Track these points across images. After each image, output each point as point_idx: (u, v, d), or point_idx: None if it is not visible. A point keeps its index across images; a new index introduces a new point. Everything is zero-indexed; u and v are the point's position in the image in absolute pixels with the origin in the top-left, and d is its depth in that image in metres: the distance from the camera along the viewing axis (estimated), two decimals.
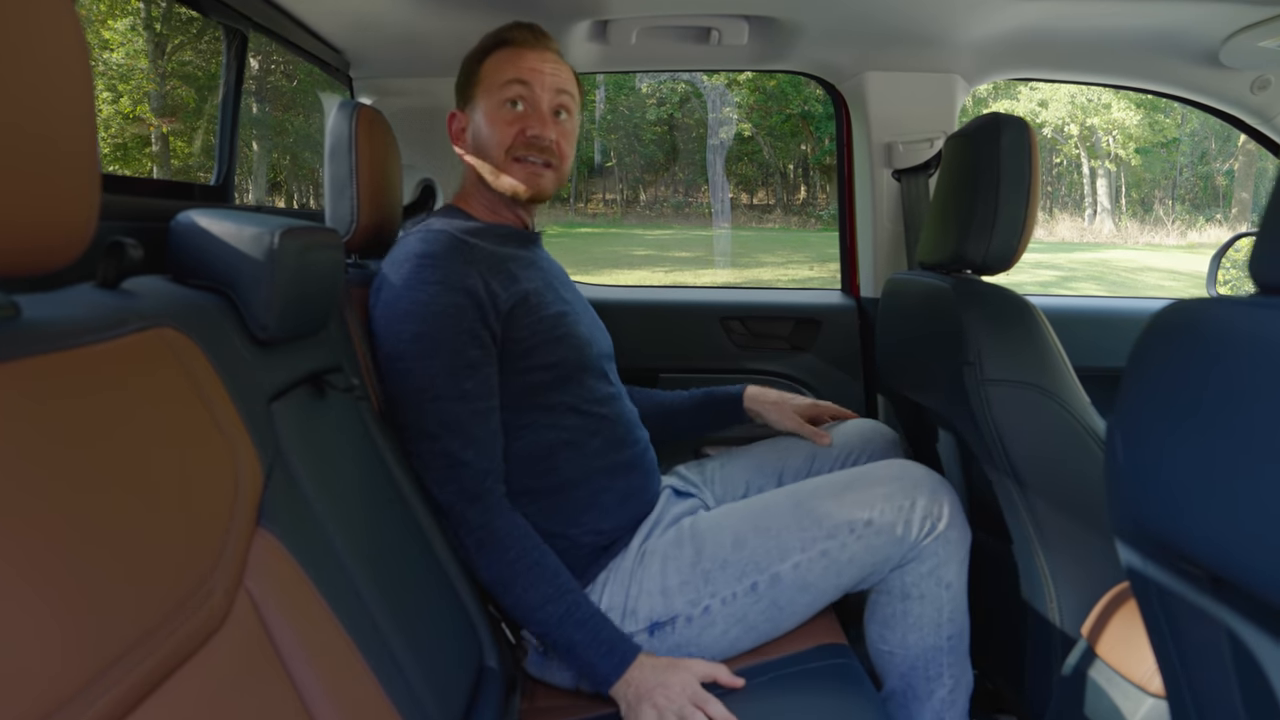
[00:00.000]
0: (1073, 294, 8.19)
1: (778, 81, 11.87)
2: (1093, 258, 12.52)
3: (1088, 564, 1.33)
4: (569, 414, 1.30)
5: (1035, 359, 1.34)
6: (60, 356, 0.62)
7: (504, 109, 1.35)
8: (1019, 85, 11.94)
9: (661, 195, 14.27)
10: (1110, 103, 13.34)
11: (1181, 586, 0.71)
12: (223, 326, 0.88)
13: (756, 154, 13.83)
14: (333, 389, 1.08)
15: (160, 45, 7.37)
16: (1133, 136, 13.99)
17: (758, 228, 13.71)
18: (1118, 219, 14.64)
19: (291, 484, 0.88)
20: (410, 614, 1.00)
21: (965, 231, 1.40)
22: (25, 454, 0.55)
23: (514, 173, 1.36)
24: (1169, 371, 0.67)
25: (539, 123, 1.35)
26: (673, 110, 13.42)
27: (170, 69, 7.36)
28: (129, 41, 7.06)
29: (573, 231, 12.94)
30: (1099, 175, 14.37)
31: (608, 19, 1.72)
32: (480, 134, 1.37)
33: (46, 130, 0.55)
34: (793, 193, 14.69)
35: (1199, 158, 14.89)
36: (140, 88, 7.18)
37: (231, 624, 0.70)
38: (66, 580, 0.54)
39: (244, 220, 0.95)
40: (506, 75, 1.35)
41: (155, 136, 7.40)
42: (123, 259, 0.79)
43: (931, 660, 1.32)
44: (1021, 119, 1.37)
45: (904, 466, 1.33)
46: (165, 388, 0.74)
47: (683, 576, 1.25)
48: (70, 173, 0.57)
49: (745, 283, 10.71)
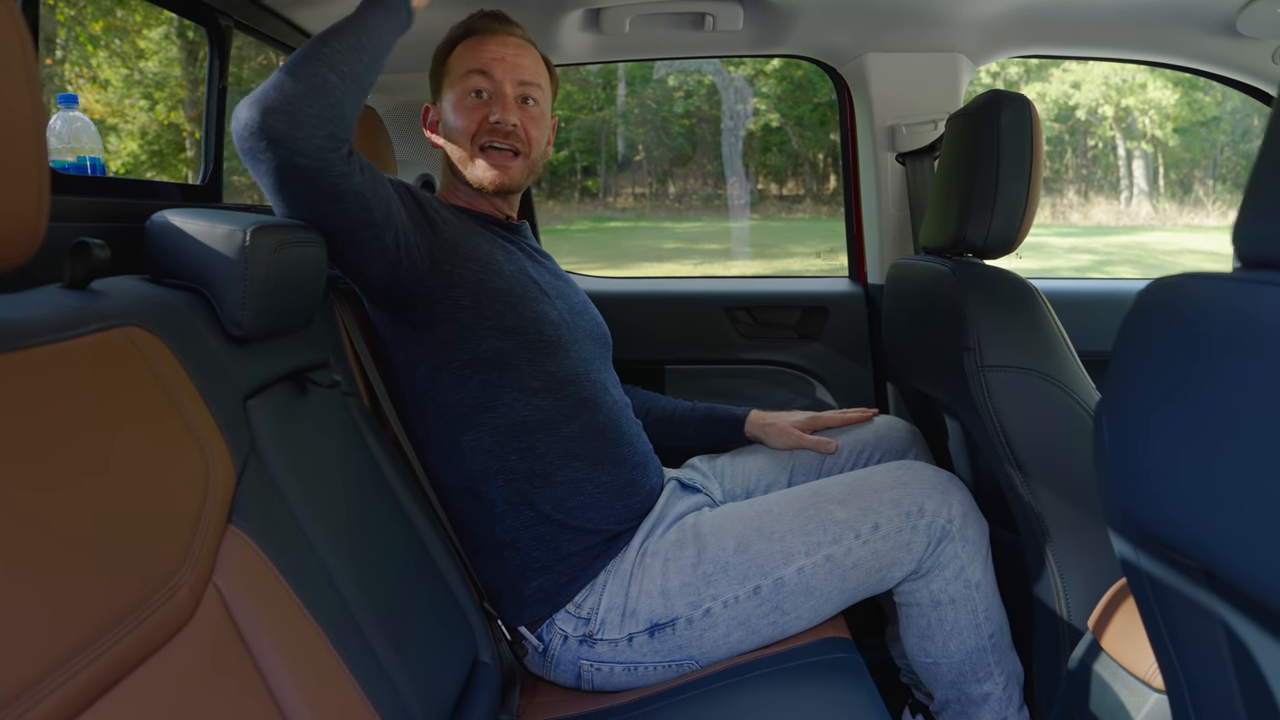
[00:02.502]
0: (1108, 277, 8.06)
1: (805, 71, 11.77)
2: (1130, 241, 12.28)
3: (1095, 554, 1.30)
4: (542, 393, 1.29)
5: (1037, 343, 1.31)
6: (18, 355, 0.62)
7: (467, 98, 1.37)
8: (1051, 66, 11.73)
9: (690, 188, 14.20)
10: (1146, 82, 13.06)
11: (1175, 578, 0.68)
12: (195, 325, 0.88)
13: (785, 144, 13.74)
14: (315, 386, 1.08)
15: (192, 52, 7.46)
16: (1170, 116, 13.69)
17: (787, 218, 13.61)
18: (1155, 201, 14.34)
19: (267, 481, 0.88)
20: (394, 610, 0.99)
21: (966, 214, 1.37)
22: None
23: (480, 161, 1.37)
24: (1150, 352, 0.64)
25: (501, 108, 1.36)
26: (700, 103, 13.36)
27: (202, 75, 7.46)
28: (162, 49, 7.16)
29: (602, 226, 12.94)
30: (1135, 157, 14.07)
31: (600, 7, 1.70)
32: (448, 125, 1.40)
33: None
34: (822, 182, 14.56)
35: (1241, 135, 14.53)
36: (174, 94, 7.29)
37: (199, 620, 0.70)
38: (25, 571, 0.54)
39: (219, 219, 0.95)
40: (468, 65, 1.37)
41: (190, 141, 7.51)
42: (88, 259, 0.79)
43: (979, 662, 1.30)
44: (1023, 96, 1.34)
45: (911, 469, 1.31)
46: (128, 386, 0.74)
47: (684, 578, 1.24)
48: (15, 178, 0.57)
49: (776, 273, 10.68)
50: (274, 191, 1.07)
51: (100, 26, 6.26)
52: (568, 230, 11.46)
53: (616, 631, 1.24)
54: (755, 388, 2.15)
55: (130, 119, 6.78)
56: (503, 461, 1.27)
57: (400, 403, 1.32)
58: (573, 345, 1.35)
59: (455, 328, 1.26)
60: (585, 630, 1.25)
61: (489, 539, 1.28)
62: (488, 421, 1.27)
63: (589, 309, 1.50)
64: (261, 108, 1.02)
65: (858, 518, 1.24)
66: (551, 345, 1.31)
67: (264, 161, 1.04)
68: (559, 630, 1.26)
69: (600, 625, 1.24)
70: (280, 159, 1.04)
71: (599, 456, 1.31)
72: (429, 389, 1.29)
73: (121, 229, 1.00)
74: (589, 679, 1.26)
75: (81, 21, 5.97)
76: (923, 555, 1.25)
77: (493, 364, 1.27)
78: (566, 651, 1.26)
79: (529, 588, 1.26)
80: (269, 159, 1.04)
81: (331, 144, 1.07)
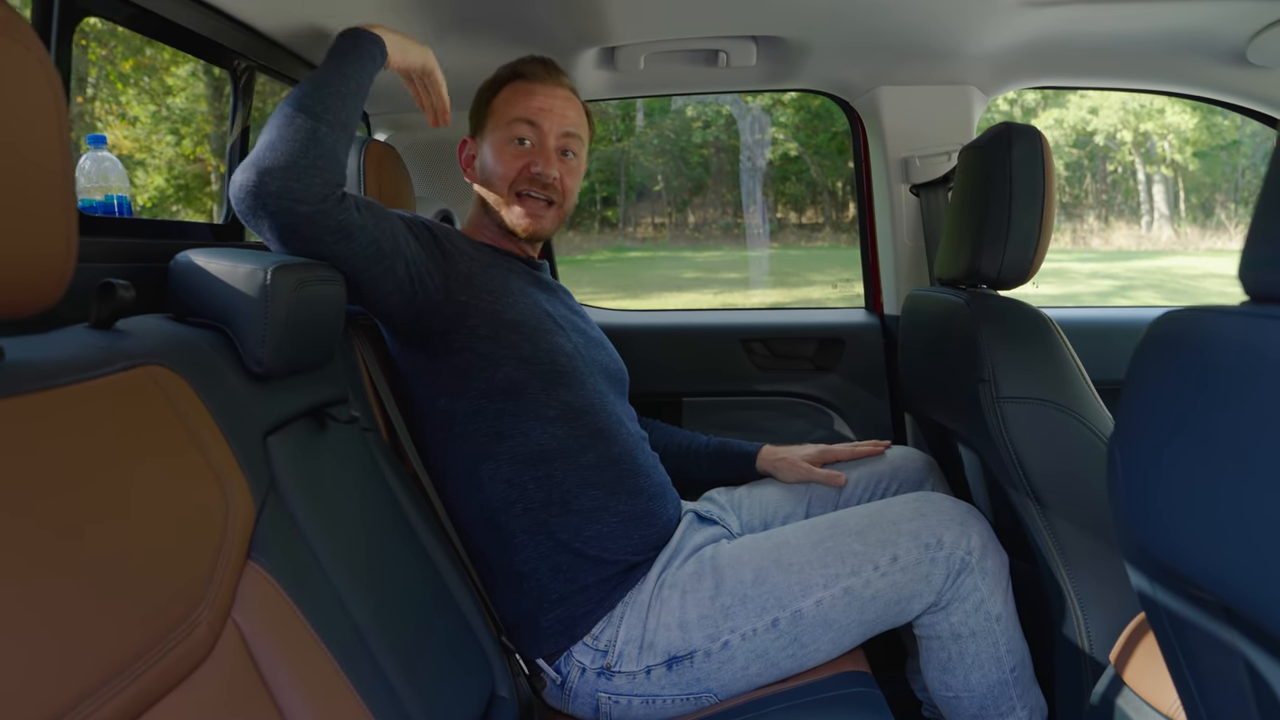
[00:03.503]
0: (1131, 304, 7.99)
1: (822, 100, 11.80)
2: (1152, 265, 12.18)
3: (1115, 586, 1.28)
4: (558, 422, 1.30)
5: (1052, 374, 1.31)
6: (45, 395, 0.64)
7: (511, 145, 1.40)
8: (1068, 93, 11.72)
9: (710, 217, 14.23)
10: (1164, 107, 13.01)
11: (1193, 613, 0.67)
12: (216, 363, 0.90)
13: (804, 173, 13.76)
14: (334, 421, 1.09)
15: (218, 88, 7.59)
16: (1189, 140, 13.61)
17: (806, 246, 13.60)
18: (1177, 225, 14.24)
19: (286, 517, 0.89)
20: (412, 646, 1.00)
21: (979, 245, 1.37)
22: (11, 487, 0.57)
23: (516, 208, 1.40)
24: (1160, 385, 0.64)
25: (544, 160, 1.39)
26: (718, 132, 13.42)
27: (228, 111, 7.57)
28: (189, 86, 7.31)
29: (621, 256, 12.99)
30: (1155, 181, 14.00)
31: (615, 45, 1.73)
32: (486, 166, 1.42)
33: (22, 186, 0.57)
34: (841, 210, 14.55)
35: (1262, 158, 14.42)
36: (200, 130, 7.41)
37: (218, 656, 0.71)
38: (49, 607, 0.56)
39: (240, 258, 0.97)
40: (516, 112, 1.39)
41: (215, 176, 7.63)
42: (113, 299, 0.82)
43: (1001, 696, 1.29)
44: (1034, 128, 1.35)
45: (929, 500, 1.31)
46: (151, 424, 0.75)
47: (702, 610, 1.23)
48: (47, 224, 0.60)
49: (795, 302, 10.65)
50: (281, 243, 1.09)
51: (130, 65, 6.38)
52: (588, 260, 11.51)
53: (634, 664, 1.23)
54: (772, 419, 2.15)
55: (157, 154, 6.89)
56: (520, 490, 1.28)
57: (419, 436, 1.34)
58: (588, 377, 1.36)
59: (472, 357, 1.28)
60: (603, 662, 1.24)
61: (507, 569, 1.29)
62: (505, 451, 1.28)
63: (605, 345, 1.51)
64: (259, 168, 1.05)
65: (876, 550, 1.24)
66: (566, 375, 1.32)
67: (266, 217, 1.06)
68: (577, 662, 1.26)
69: (618, 657, 1.24)
70: (282, 211, 1.06)
71: (615, 486, 1.31)
72: (447, 420, 1.30)
73: (145, 269, 1.02)
74: (607, 711, 1.25)
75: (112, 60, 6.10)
76: (942, 587, 1.24)
77: (509, 393, 1.28)
78: (584, 684, 1.26)
79: (547, 619, 1.26)
80: (271, 213, 1.06)
81: (328, 189, 1.09)
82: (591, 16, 1.54)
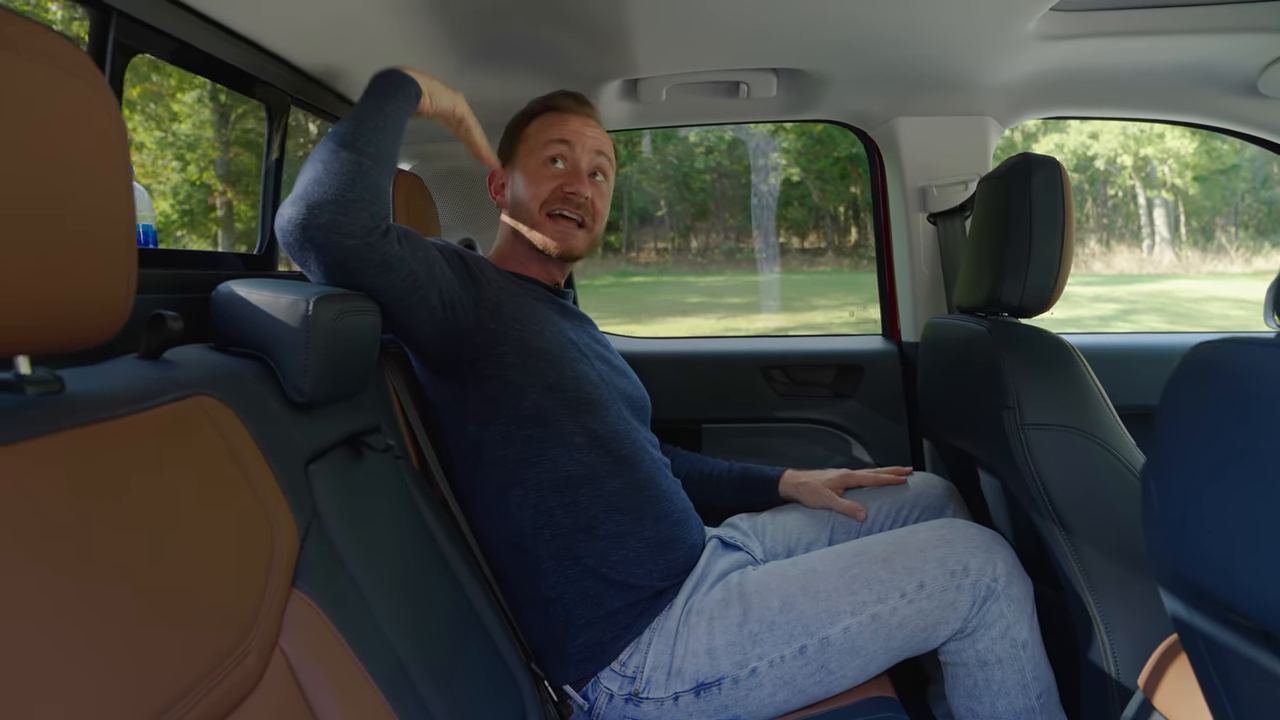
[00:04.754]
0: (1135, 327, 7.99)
1: (825, 125, 11.88)
2: (1154, 289, 12.19)
3: (1142, 610, 1.28)
4: (585, 449, 1.31)
5: (1075, 401, 1.32)
6: (102, 427, 0.65)
7: (545, 166, 1.43)
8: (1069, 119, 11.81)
9: (712, 242, 14.27)
10: (1163, 132, 13.09)
11: (1230, 638, 0.68)
12: (260, 392, 0.91)
13: (806, 198, 13.80)
14: (371, 450, 1.10)
15: (224, 115, 7.66)
16: (1189, 165, 13.68)
17: (809, 271, 13.63)
18: (1178, 248, 14.28)
19: (327, 545, 0.90)
20: (447, 673, 1.00)
21: (1000, 273, 1.39)
22: (69, 518, 0.58)
23: (548, 228, 1.43)
24: (1198, 414, 0.65)
25: (577, 180, 1.42)
26: (720, 158, 13.49)
27: (234, 137, 7.69)
28: (195, 113, 7.36)
29: (625, 281, 13.01)
30: (1156, 205, 14.05)
31: (638, 78, 1.75)
32: (519, 190, 1.45)
33: (86, 214, 0.59)
34: (843, 235, 14.58)
35: (1261, 183, 14.48)
36: (206, 155, 7.47)
37: (266, 685, 0.71)
38: (112, 638, 0.56)
39: (281, 288, 0.98)
40: (550, 135, 1.43)
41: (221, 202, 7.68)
42: (163, 331, 0.83)
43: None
44: (1053, 159, 1.36)
45: (954, 527, 1.31)
46: (202, 454, 0.76)
47: (729, 637, 1.24)
48: (109, 257, 0.61)
49: (798, 326, 10.66)
50: (326, 276, 1.11)
51: (137, 92, 6.43)
52: (591, 285, 11.52)
53: (662, 690, 1.24)
54: (792, 446, 2.16)
55: (163, 179, 6.93)
56: (548, 516, 1.29)
57: (448, 463, 1.35)
58: (611, 404, 1.37)
59: (500, 384, 1.29)
60: (631, 689, 1.25)
61: (534, 595, 1.29)
62: (533, 477, 1.29)
63: (628, 373, 1.53)
64: (307, 203, 1.07)
65: (903, 577, 1.24)
66: (591, 403, 1.33)
67: (313, 250, 1.08)
68: (604, 689, 1.26)
69: (646, 684, 1.24)
70: (330, 245, 1.08)
71: (641, 511, 1.32)
72: (475, 447, 1.31)
73: (184, 300, 1.04)
74: None
75: None
76: (968, 614, 1.25)
77: (536, 420, 1.30)
78: (612, 710, 1.26)
79: (574, 645, 1.27)
80: (318, 246, 1.08)
81: (374, 221, 1.11)
82: (617, 50, 1.57)
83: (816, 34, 1.54)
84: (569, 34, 1.48)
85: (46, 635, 0.53)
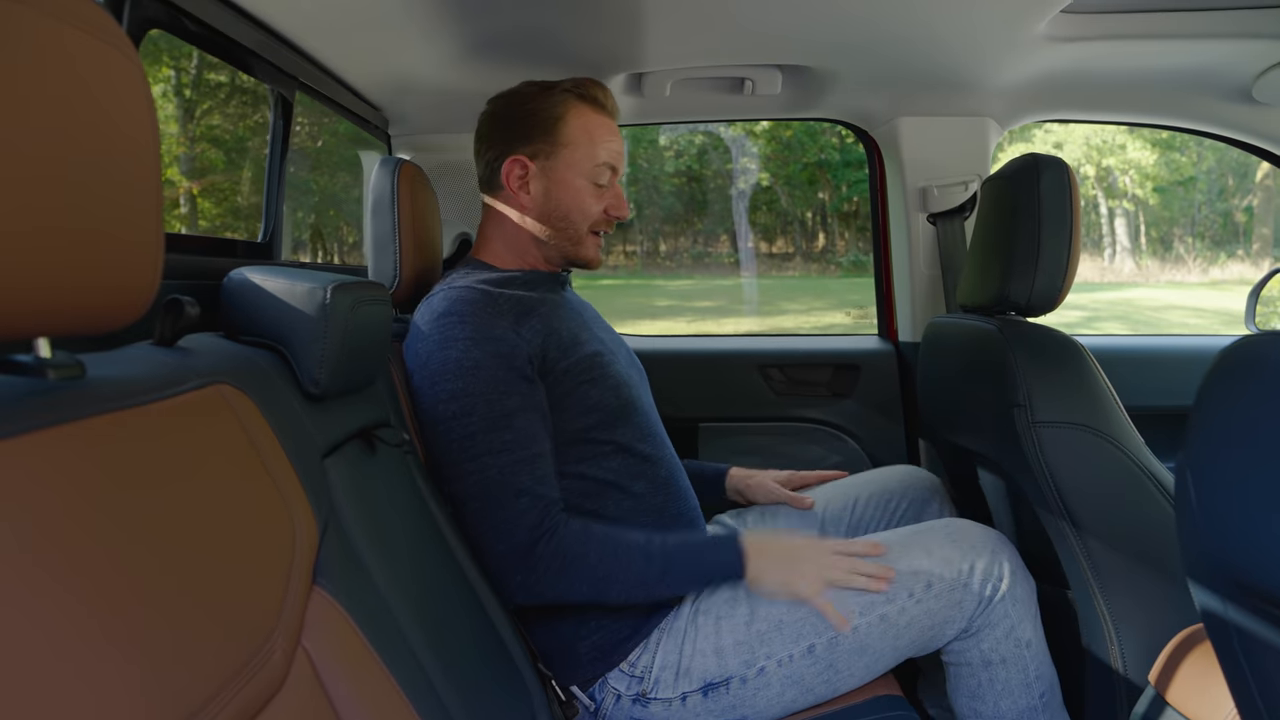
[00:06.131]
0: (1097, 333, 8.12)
1: (794, 131, 11.98)
2: (1116, 297, 12.44)
3: (1149, 607, 1.29)
4: (614, 454, 1.30)
5: (1086, 399, 1.32)
6: (125, 414, 0.62)
7: (593, 187, 1.36)
8: (1034, 128, 12.02)
9: (681, 246, 14.31)
10: (1125, 143, 13.35)
11: (1266, 631, 0.68)
12: (276, 383, 0.88)
13: (775, 203, 13.89)
14: (383, 444, 1.07)
15: (190, 110, 7.57)
16: (1150, 175, 13.96)
17: (778, 275, 13.73)
18: (1138, 258, 14.56)
19: (345, 541, 0.88)
20: (463, 672, 0.98)
21: (1008, 273, 1.39)
22: (96, 511, 0.55)
23: (590, 244, 1.39)
24: (1243, 409, 0.65)
25: (619, 203, 1.39)
26: (690, 162, 13.53)
27: (199, 133, 7.61)
28: (160, 107, 7.28)
29: (594, 284, 13.02)
30: (1117, 215, 14.32)
31: (643, 72, 1.74)
32: (559, 198, 1.36)
33: (115, 195, 0.56)
34: (811, 240, 14.70)
35: (1217, 194, 14.82)
36: (170, 151, 7.37)
37: (292, 684, 0.69)
38: (142, 636, 0.53)
39: (295, 277, 0.95)
40: (601, 155, 1.35)
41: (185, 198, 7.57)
42: (180, 317, 0.80)
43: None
44: (1060, 159, 1.37)
45: (959, 526, 1.31)
46: (224, 444, 0.73)
47: (737, 637, 1.22)
48: (137, 234, 0.58)
49: (768, 330, 10.75)
50: None
51: None
52: None
53: (671, 690, 1.22)
54: (789, 444, 2.16)
55: None
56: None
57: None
58: (637, 399, 1.36)
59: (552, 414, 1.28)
60: (639, 689, 1.23)
61: None
62: (561, 490, 1.27)
63: (634, 356, 1.52)
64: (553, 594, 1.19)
65: (910, 577, 1.24)
66: (624, 408, 1.31)
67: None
68: (612, 689, 1.24)
69: (654, 684, 1.23)
70: None
71: (662, 515, 1.31)
72: None
73: (192, 286, 1.00)
74: None
75: None
76: (973, 614, 1.25)
77: (572, 442, 1.28)
78: (619, 711, 1.24)
79: (583, 645, 1.25)
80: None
81: None
82: (623, 42, 1.55)
83: (829, 31, 1.54)
84: (577, 25, 1.46)
85: (78, 630, 0.49)
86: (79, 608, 0.50)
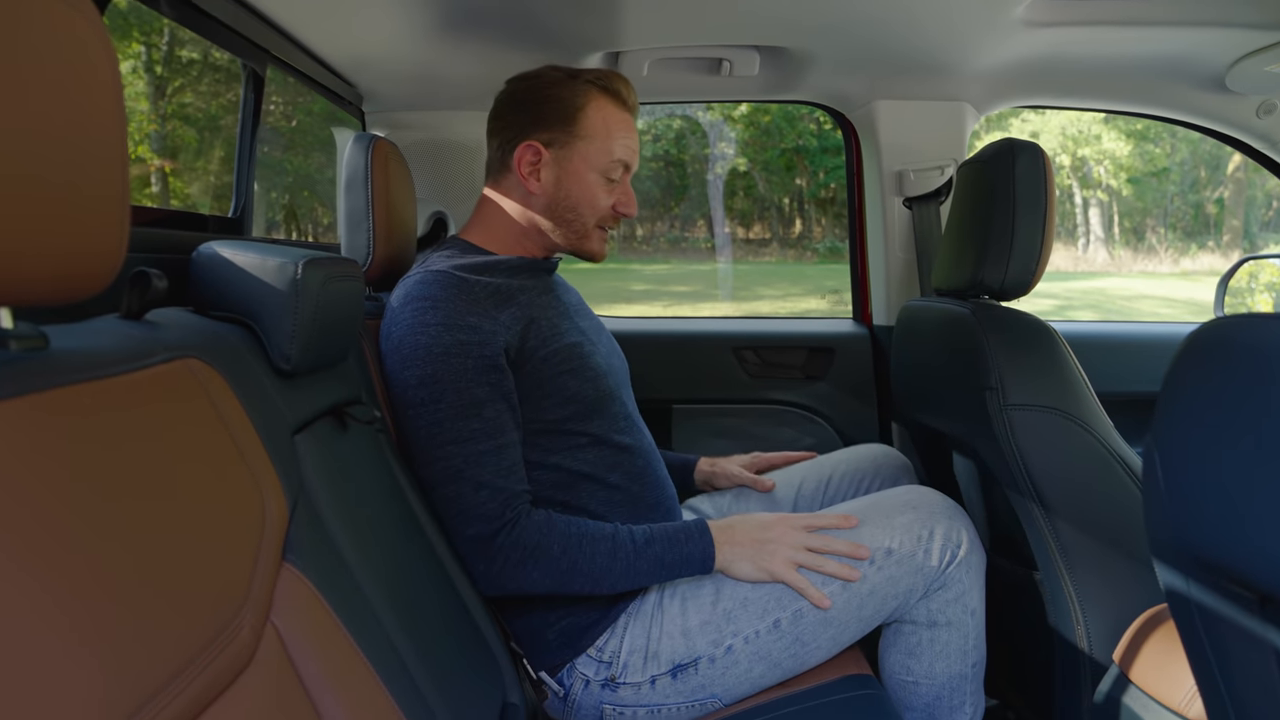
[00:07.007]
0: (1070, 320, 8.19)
1: (772, 117, 11.98)
2: (1088, 286, 12.57)
3: (1115, 588, 1.31)
4: (590, 446, 1.29)
5: (1058, 383, 1.33)
6: (90, 386, 0.61)
7: (605, 182, 1.35)
8: (1010, 116, 12.08)
9: (658, 231, 14.30)
10: (1100, 134, 13.47)
11: (1227, 608, 0.70)
12: (246, 358, 0.87)
13: (752, 188, 13.90)
14: (354, 421, 1.07)
15: (160, 88, 7.46)
16: (1124, 166, 14.10)
17: (754, 261, 13.76)
18: (1111, 247, 14.71)
19: (315, 518, 0.87)
20: (434, 650, 0.98)
21: (982, 257, 1.40)
22: (59, 485, 0.54)
23: (596, 239, 1.38)
24: (1211, 391, 0.67)
25: (631, 204, 1.38)
26: (668, 146, 13.50)
27: (170, 110, 7.51)
28: (130, 84, 7.15)
29: (570, 267, 12.99)
30: (1091, 205, 14.45)
31: (619, 51, 1.72)
32: (568, 190, 1.34)
33: (78, 160, 0.54)
34: (788, 226, 14.72)
35: (1189, 186, 15.00)
36: (141, 129, 7.26)
37: (260, 661, 0.68)
38: (104, 614, 0.52)
39: (266, 252, 0.94)
40: (619, 152, 1.34)
41: (156, 176, 7.47)
42: (147, 290, 0.78)
43: (956, 689, 1.30)
44: (1036, 144, 1.38)
45: (919, 493, 1.32)
46: (193, 419, 0.72)
47: (703, 616, 1.23)
48: (101, 202, 0.57)
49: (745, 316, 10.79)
50: None
51: None
52: None
53: (639, 674, 1.22)
54: (762, 426, 2.16)
55: None
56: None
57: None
58: (615, 390, 1.35)
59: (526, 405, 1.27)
60: (608, 674, 1.23)
61: None
62: (535, 481, 1.27)
63: (616, 345, 1.51)
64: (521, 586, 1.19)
65: (872, 544, 1.24)
66: (601, 400, 1.30)
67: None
68: (580, 675, 1.24)
69: (623, 669, 1.23)
70: None
71: (638, 505, 1.31)
72: None
73: (161, 260, 0.98)
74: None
75: None
76: (932, 577, 1.26)
77: (546, 432, 1.27)
78: (588, 696, 1.24)
79: (551, 632, 1.25)
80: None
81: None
82: (601, 20, 1.54)
83: (806, 12, 1.53)
84: (553, 1, 1.44)
85: (38, 607, 0.48)
86: (32, 583, 0.49)
